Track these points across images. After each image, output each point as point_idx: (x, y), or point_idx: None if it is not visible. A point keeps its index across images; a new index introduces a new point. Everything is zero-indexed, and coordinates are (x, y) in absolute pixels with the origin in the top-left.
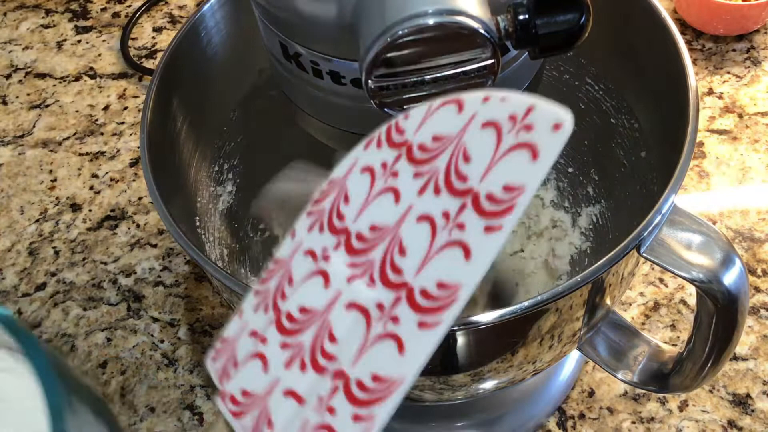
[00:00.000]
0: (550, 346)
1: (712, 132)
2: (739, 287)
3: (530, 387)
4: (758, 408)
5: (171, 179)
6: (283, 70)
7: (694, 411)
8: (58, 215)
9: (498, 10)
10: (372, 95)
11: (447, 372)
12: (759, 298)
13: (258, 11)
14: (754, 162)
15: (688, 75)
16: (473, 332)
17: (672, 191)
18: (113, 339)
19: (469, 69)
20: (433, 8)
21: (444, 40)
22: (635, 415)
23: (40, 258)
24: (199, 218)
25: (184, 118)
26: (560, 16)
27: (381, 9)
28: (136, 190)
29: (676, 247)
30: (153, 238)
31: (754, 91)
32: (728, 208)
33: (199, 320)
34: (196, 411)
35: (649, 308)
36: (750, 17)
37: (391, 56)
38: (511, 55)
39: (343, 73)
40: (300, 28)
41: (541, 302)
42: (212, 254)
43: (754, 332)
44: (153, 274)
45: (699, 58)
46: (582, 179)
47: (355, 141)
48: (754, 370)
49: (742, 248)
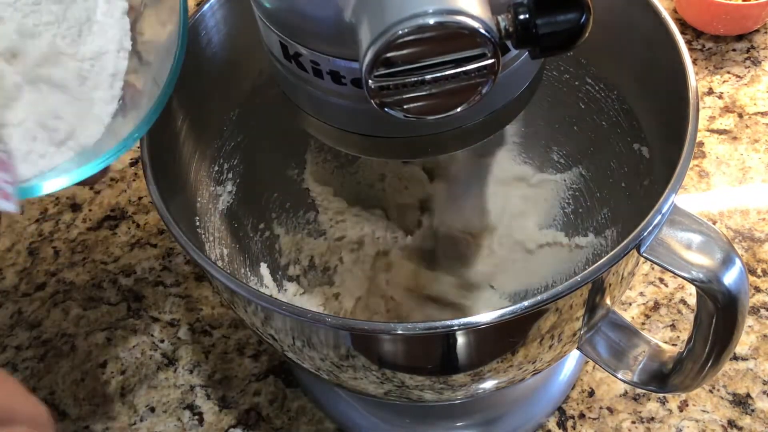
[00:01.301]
0: (550, 345)
1: (712, 132)
2: (739, 287)
3: (530, 387)
4: (758, 408)
5: (171, 179)
6: (283, 70)
7: (694, 411)
8: (58, 215)
9: (498, 10)
10: (372, 95)
11: (447, 372)
12: (759, 298)
13: (258, 11)
14: (754, 162)
15: (688, 75)
16: (473, 332)
17: (672, 191)
18: (113, 339)
19: (470, 69)
20: (434, 8)
21: (444, 39)
22: (635, 415)
23: (40, 258)
24: (199, 218)
25: (184, 118)
26: (561, 16)
27: (381, 9)
28: (136, 190)
29: (676, 246)
30: (153, 238)
31: (754, 91)
32: (728, 208)
33: (199, 320)
34: (196, 411)
35: (649, 308)
36: (750, 17)
37: (391, 56)
38: (511, 54)
39: (344, 72)
40: (300, 28)
41: (541, 302)
42: (212, 254)
43: (754, 332)
44: (153, 274)
45: (699, 58)
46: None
47: (355, 141)
48: (754, 370)
49: (742, 248)
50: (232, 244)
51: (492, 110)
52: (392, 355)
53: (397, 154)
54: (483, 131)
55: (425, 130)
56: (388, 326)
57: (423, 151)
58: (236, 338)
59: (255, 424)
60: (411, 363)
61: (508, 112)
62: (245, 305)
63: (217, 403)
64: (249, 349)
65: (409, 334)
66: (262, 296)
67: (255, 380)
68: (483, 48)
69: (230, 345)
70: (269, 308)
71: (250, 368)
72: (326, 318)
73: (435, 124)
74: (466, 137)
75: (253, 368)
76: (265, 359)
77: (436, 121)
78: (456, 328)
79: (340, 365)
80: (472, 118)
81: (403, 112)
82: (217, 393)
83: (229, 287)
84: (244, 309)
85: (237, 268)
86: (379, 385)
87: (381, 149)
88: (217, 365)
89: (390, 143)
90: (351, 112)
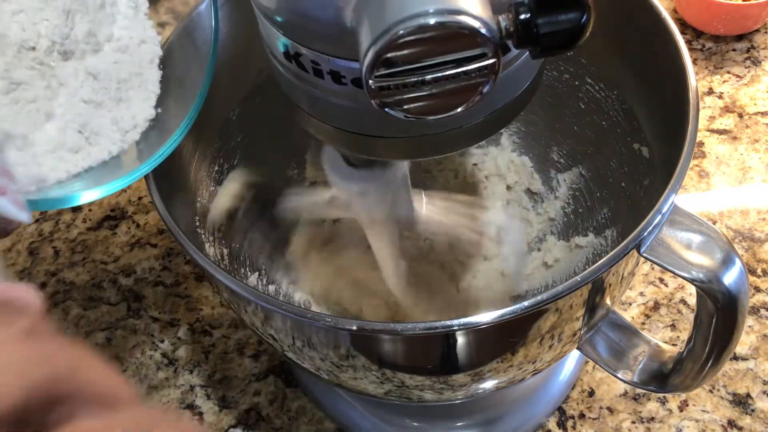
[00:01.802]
0: (550, 345)
1: (712, 132)
2: (739, 287)
3: (530, 387)
4: (758, 408)
5: (171, 179)
6: (284, 70)
7: (694, 411)
8: (57, 215)
9: (499, 10)
10: (373, 95)
11: (447, 372)
12: (759, 298)
13: (258, 11)
14: (754, 162)
15: (688, 75)
16: (473, 332)
17: (672, 191)
18: (113, 339)
19: (470, 68)
20: (434, 8)
21: (445, 39)
22: (635, 415)
23: (39, 258)
24: (199, 218)
25: None
26: (561, 16)
27: (382, 8)
28: (136, 190)
29: (676, 246)
30: (153, 238)
31: (754, 91)
32: (728, 208)
33: (199, 320)
34: (196, 411)
35: (649, 308)
36: (750, 17)
37: (391, 56)
38: (512, 54)
39: (344, 72)
40: (300, 28)
41: (541, 302)
42: (212, 254)
43: (754, 332)
44: (153, 274)
45: (699, 57)
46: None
47: (355, 141)
48: (754, 369)
49: (742, 248)
50: (232, 244)
51: (492, 110)
52: (392, 355)
53: (397, 154)
54: (483, 131)
55: (426, 130)
56: (388, 326)
57: (423, 151)
58: (236, 338)
59: (255, 424)
60: (411, 363)
61: (508, 112)
62: (245, 305)
63: (217, 403)
64: (249, 349)
65: (409, 334)
66: (262, 296)
67: (255, 380)
68: (483, 48)
69: (230, 345)
70: (269, 308)
71: (250, 368)
72: (326, 318)
73: (435, 124)
74: (467, 137)
75: (253, 368)
76: (265, 359)
77: (437, 121)
78: (456, 328)
79: (340, 365)
80: (472, 118)
81: (404, 113)
82: (217, 393)
83: (229, 287)
84: (244, 309)
85: (237, 268)
86: (379, 385)
87: (381, 149)
88: (217, 365)
89: (390, 143)
90: (351, 112)
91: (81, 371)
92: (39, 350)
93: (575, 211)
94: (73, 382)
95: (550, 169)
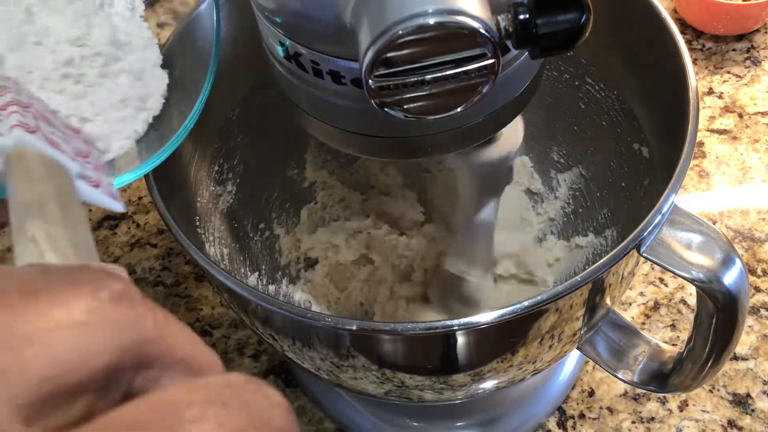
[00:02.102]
0: (550, 345)
1: (712, 132)
2: (739, 287)
3: (530, 387)
4: (758, 408)
5: (171, 179)
6: (283, 70)
7: (694, 411)
8: None
9: (498, 10)
10: (372, 95)
11: (447, 372)
12: (759, 298)
13: (258, 10)
14: (754, 162)
15: (688, 75)
16: (473, 332)
17: (672, 191)
18: None
19: (470, 68)
20: (434, 8)
21: (444, 39)
22: (635, 415)
23: None
24: (199, 218)
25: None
26: (561, 16)
27: (381, 8)
28: (136, 190)
29: (676, 246)
30: (153, 238)
31: (754, 91)
32: (728, 208)
33: (199, 320)
34: None
35: (649, 308)
36: (750, 17)
37: (391, 56)
38: (511, 54)
39: (344, 72)
40: (300, 28)
41: (541, 302)
42: (212, 254)
43: (754, 332)
44: (153, 274)
45: (699, 57)
46: (582, 179)
47: (355, 141)
48: (754, 369)
49: (742, 248)
50: (232, 244)
51: (492, 110)
52: (392, 355)
53: (397, 154)
54: (483, 131)
55: (425, 130)
56: (388, 326)
57: (423, 151)
58: (236, 338)
59: None
60: (411, 363)
61: (508, 112)
62: (245, 305)
63: None
64: (249, 349)
65: (409, 334)
66: (262, 296)
67: None
68: (483, 48)
69: (230, 345)
70: (269, 308)
71: (250, 368)
72: (326, 318)
73: (435, 124)
74: (467, 137)
75: (253, 368)
76: (265, 359)
77: (437, 121)
78: (456, 328)
79: (340, 365)
80: (472, 118)
81: (403, 112)
82: None
83: (229, 287)
84: (244, 309)
85: (237, 268)
86: (379, 385)
87: (381, 149)
88: None
89: (390, 143)
90: (351, 112)
91: (168, 335)
92: (130, 313)
93: (575, 211)
94: (162, 345)
95: (550, 169)
